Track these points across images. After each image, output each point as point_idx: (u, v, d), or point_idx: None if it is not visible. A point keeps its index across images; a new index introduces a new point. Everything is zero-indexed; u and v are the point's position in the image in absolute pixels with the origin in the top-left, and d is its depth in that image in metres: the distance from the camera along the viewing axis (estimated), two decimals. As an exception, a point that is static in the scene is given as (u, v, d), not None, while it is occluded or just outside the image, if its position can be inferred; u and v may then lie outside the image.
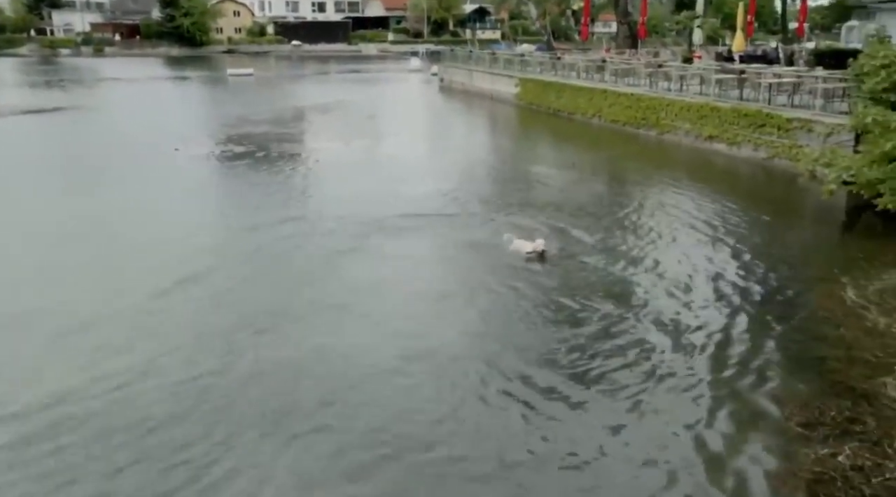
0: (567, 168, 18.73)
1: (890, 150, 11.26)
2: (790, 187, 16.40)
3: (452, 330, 8.73)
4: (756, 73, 19.44)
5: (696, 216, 13.44)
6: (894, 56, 12.24)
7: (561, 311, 9.06)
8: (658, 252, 11.37)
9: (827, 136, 15.98)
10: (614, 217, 13.50)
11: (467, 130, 27.29)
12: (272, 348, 8.20)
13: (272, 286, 10.16)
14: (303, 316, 9.16)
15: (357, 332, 8.62)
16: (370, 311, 9.30)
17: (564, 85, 27.91)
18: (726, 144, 19.18)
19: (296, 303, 9.56)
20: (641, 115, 22.77)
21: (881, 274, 10.18)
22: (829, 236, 12.90)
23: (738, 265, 10.79)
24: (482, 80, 36.52)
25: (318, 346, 8.24)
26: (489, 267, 10.72)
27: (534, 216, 13.45)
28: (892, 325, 8.50)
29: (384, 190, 15.61)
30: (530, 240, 11.17)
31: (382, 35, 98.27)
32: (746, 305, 9.33)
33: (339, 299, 9.62)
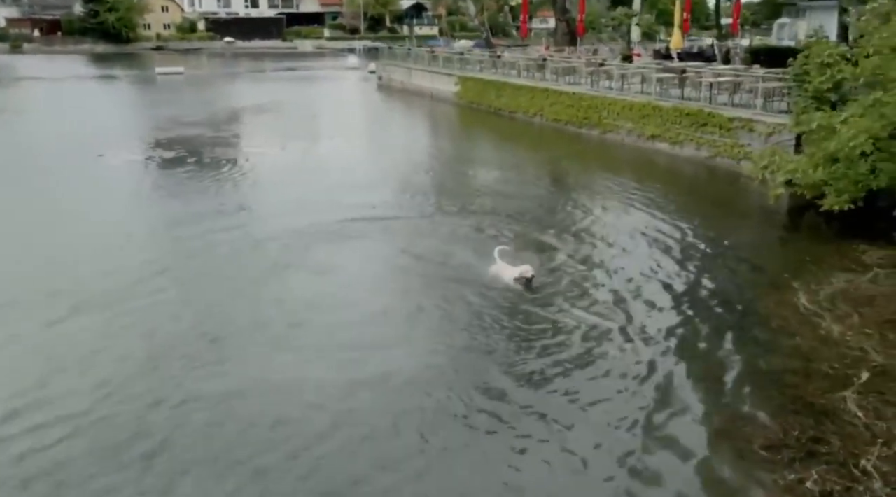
0: (511, 169, 18.38)
1: (834, 151, 11.20)
2: (733, 187, 16.42)
3: (403, 351, 8.22)
4: (697, 73, 19.44)
5: (642, 221, 13.22)
6: (837, 55, 12.21)
7: (511, 325, 8.64)
8: (603, 261, 11.04)
9: (768, 136, 16.02)
10: (558, 222, 13.18)
11: (408, 131, 26.74)
12: (203, 380, 7.51)
13: (202, 307, 9.43)
14: (238, 340, 8.49)
15: (299, 358, 8.01)
16: (312, 332, 8.71)
17: (505, 83, 27.61)
18: (669, 144, 19.14)
19: (229, 325, 8.87)
20: (583, 115, 22.61)
21: (830, 278, 10.09)
22: (776, 239, 12.85)
23: (687, 272, 10.58)
24: (421, 79, 35.98)
25: (256, 375, 7.61)
26: (436, 278, 10.23)
27: (478, 221, 13.05)
28: (846, 334, 8.35)
29: (323, 197, 14.98)
30: (509, 260, 10.18)
31: (318, 31, 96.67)
32: (699, 315, 9.09)
33: (278, 320, 9.00)
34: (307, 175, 17.51)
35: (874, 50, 12.13)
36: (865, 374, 7.40)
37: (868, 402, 6.92)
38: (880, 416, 6.72)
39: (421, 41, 57.43)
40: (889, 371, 7.46)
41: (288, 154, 20.74)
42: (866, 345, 8.05)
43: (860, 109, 11.28)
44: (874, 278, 10.06)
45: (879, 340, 8.14)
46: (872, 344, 8.06)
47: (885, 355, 7.79)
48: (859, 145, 10.79)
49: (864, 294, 9.50)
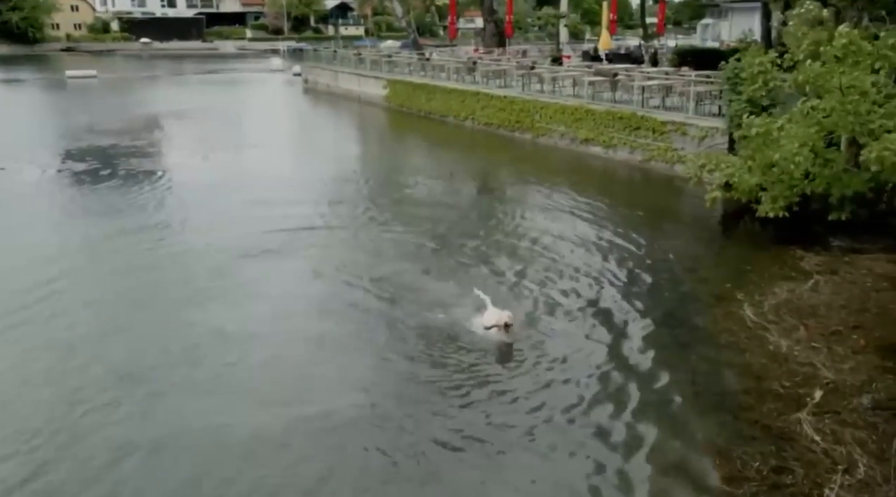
0: (444, 177, 17.91)
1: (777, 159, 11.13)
2: (668, 191, 16.39)
3: (341, 387, 7.62)
4: (629, 77, 19.39)
5: (578, 230, 12.93)
6: (769, 62, 12.20)
7: (451, 348, 8.15)
8: (536, 276, 10.62)
9: (701, 140, 16.05)
10: (492, 232, 12.82)
11: (336, 137, 25.95)
12: (122, 426, 6.78)
13: (117, 341, 8.61)
14: (157, 378, 7.73)
15: (226, 400, 7.32)
16: (241, 367, 8.02)
17: (435, 86, 27.13)
18: (602, 147, 19.03)
19: (148, 361, 8.09)
20: (515, 118, 22.34)
21: (772, 287, 9.97)
22: (714, 246, 12.75)
23: (628, 285, 10.29)
24: (349, 82, 35.16)
25: (178, 422, 6.90)
26: (373, 301, 9.65)
27: (413, 234, 12.55)
28: (794, 348, 8.19)
29: (248, 211, 14.18)
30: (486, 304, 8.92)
31: (240, 32, 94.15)
32: (644, 333, 8.79)
33: (202, 354, 8.29)
34: (231, 187, 16.58)
35: (804, 55, 12.18)
36: (818, 393, 7.22)
37: (824, 424, 6.72)
38: (838, 439, 6.51)
39: (347, 42, 56.35)
40: (840, 388, 7.30)
41: (210, 165, 19.72)
42: (815, 360, 7.89)
43: (799, 116, 11.25)
44: (815, 286, 9.99)
45: (828, 355, 8.00)
46: (821, 359, 7.91)
47: (835, 371, 7.64)
48: (802, 159, 10.74)
49: (807, 304, 9.41)
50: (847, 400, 7.08)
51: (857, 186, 11.64)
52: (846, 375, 7.53)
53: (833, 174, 11.63)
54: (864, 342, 8.31)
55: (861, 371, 7.64)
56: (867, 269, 10.53)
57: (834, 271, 10.50)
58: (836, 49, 10.45)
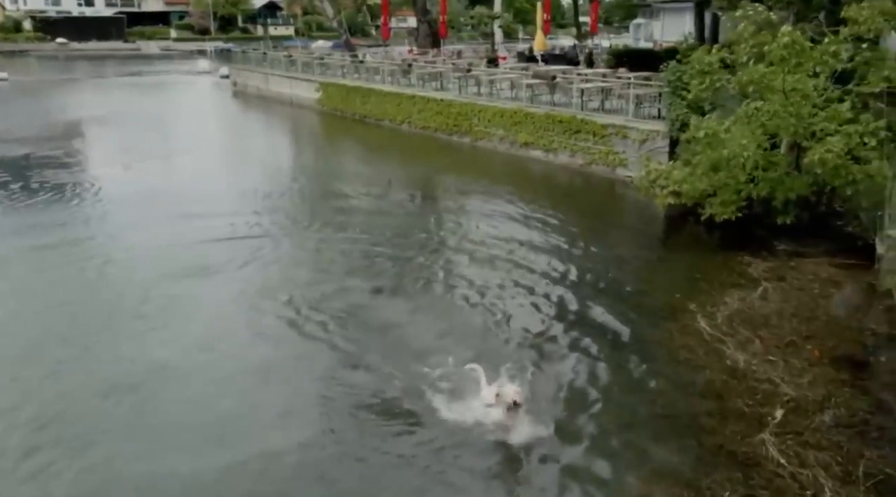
0: (383, 185, 17.37)
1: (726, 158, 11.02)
2: (611, 195, 16.28)
3: (283, 425, 7.04)
4: (567, 80, 19.22)
5: (521, 239, 12.55)
6: (715, 62, 12.10)
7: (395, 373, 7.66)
8: (484, 291, 10.21)
9: (642, 143, 15.97)
10: (430, 241, 12.38)
11: (269, 143, 25.02)
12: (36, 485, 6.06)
13: (28, 377, 7.81)
14: (76, 419, 7.03)
15: (155, 445, 6.68)
16: (173, 402, 7.41)
17: (370, 89, 26.51)
18: (543, 151, 18.82)
19: (65, 400, 7.36)
20: (453, 122, 21.95)
21: (724, 297, 9.83)
22: (661, 253, 12.58)
23: (578, 300, 9.96)
24: (280, 85, 34.16)
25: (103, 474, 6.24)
26: (310, 324, 9.08)
27: (351, 245, 12.02)
28: (752, 363, 8.01)
29: (176, 226, 13.39)
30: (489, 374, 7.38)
31: (164, 32, 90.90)
32: (598, 351, 8.47)
33: (126, 391, 7.60)
34: (158, 199, 15.65)
35: (747, 57, 12.14)
36: (780, 412, 7.03)
37: (788, 445, 6.52)
38: (803, 462, 6.31)
39: (276, 42, 54.91)
40: (802, 405, 7.12)
41: (135, 175, 18.64)
42: (774, 375, 7.72)
43: (745, 118, 11.17)
44: (764, 294, 9.89)
45: (785, 368, 7.85)
46: (779, 373, 7.75)
47: (794, 386, 7.47)
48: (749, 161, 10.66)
49: (759, 313, 9.28)
50: (809, 418, 6.90)
51: (800, 189, 11.66)
52: (806, 390, 7.37)
53: (777, 177, 11.62)
54: (818, 353, 8.20)
55: (819, 385, 7.50)
56: (813, 275, 10.51)
57: (781, 277, 10.44)
58: (780, 49, 10.38)
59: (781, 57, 10.38)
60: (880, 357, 8.10)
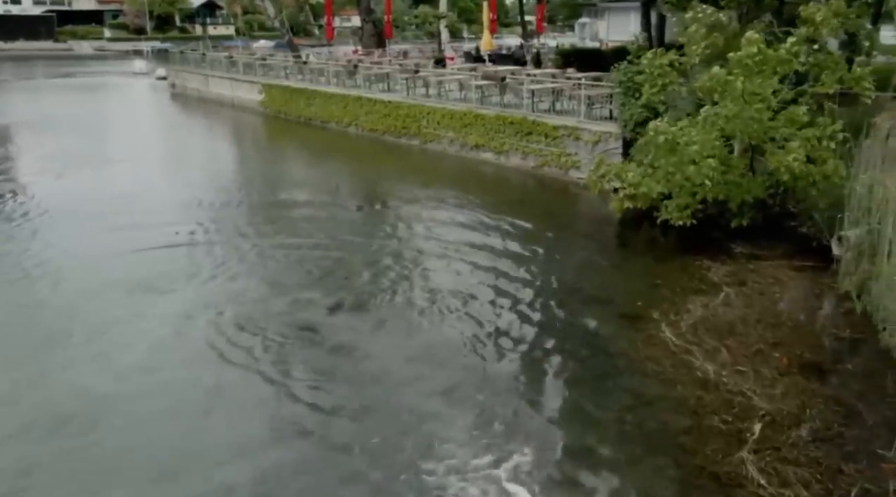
0: (331, 192, 16.80)
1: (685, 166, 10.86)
2: (565, 198, 16.04)
3: (233, 462, 6.51)
4: (517, 81, 18.94)
5: (478, 248, 12.16)
6: (668, 64, 11.94)
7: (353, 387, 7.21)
8: (441, 302, 9.85)
9: (595, 145, 15.79)
10: (388, 255, 11.86)
11: (210, 148, 24.06)
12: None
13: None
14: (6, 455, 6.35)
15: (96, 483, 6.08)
16: (110, 437, 6.83)
17: (315, 91, 25.80)
18: (494, 153, 18.51)
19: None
20: (402, 124, 21.48)
21: (686, 303, 9.64)
22: (619, 259, 12.32)
23: (536, 310, 9.67)
24: (221, 86, 33.10)
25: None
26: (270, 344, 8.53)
27: (298, 257, 11.45)
28: (722, 374, 7.80)
29: (112, 239, 12.69)
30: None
31: (97, 31, 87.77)
32: (560, 366, 8.19)
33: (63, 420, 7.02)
34: (93, 210, 14.77)
35: (699, 59, 12.04)
36: (757, 427, 6.82)
37: (767, 463, 6.30)
38: (784, 480, 6.11)
39: (216, 42, 53.36)
40: (777, 419, 6.92)
41: (68, 183, 17.63)
42: (745, 386, 7.53)
43: (703, 122, 11.02)
44: (727, 300, 9.74)
45: (756, 379, 7.66)
46: (751, 385, 7.55)
47: (767, 398, 7.28)
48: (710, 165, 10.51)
49: (723, 320, 9.11)
50: (786, 433, 6.70)
51: (757, 192, 11.60)
52: (780, 403, 7.18)
53: (734, 180, 11.52)
54: (786, 361, 8.04)
55: (792, 396, 7.33)
56: (773, 279, 10.42)
57: (742, 282, 10.32)
58: (747, 56, 10.23)
59: (746, 64, 10.22)
60: (847, 364, 7.98)
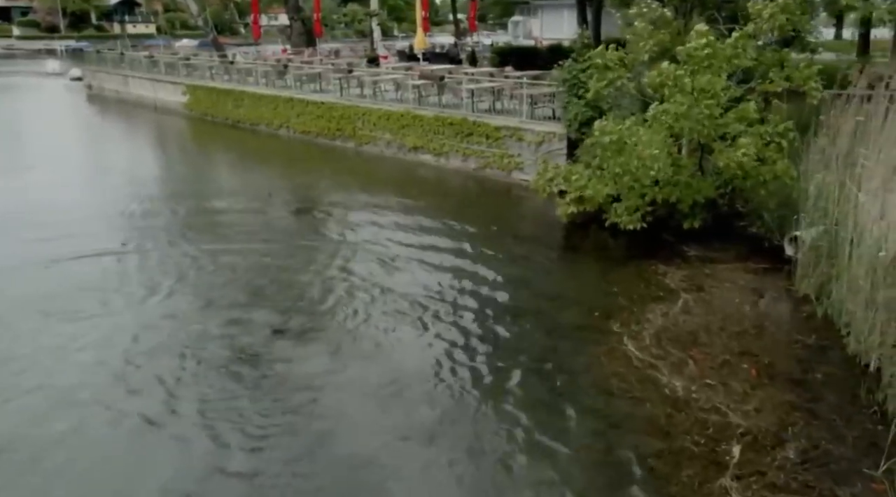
0: (263, 199, 15.85)
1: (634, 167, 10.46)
2: (508, 201, 15.54)
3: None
4: (456, 80, 18.35)
5: (419, 258, 11.48)
6: (618, 59, 11.54)
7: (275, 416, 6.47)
8: (383, 319, 9.19)
9: (538, 145, 15.34)
10: (327, 268, 11.08)
11: (132, 154, 22.58)
12: None
13: None
14: None
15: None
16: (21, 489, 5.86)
17: (243, 92, 24.65)
18: (433, 155, 17.88)
19: None
20: (336, 126, 20.63)
21: (645, 312, 9.22)
22: (570, 265, 11.81)
23: (486, 324, 9.07)
24: (141, 87, 31.44)
25: None
26: (211, 376, 7.68)
27: (245, 280, 10.55)
28: (691, 389, 7.37)
29: (23, 255, 11.56)
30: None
31: (5, 29, 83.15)
32: (516, 387, 7.59)
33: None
34: (1, 222, 13.52)
35: (648, 56, 11.70)
36: (736, 448, 6.38)
37: (754, 491, 5.85)
38: (771, 509, 5.66)
39: (136, 41, 50.99)
40: (758, 438, 6.50)
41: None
42: (718, 401, 7.11)
43: (651, 120, 10.64)
44: (686, 307, 9.37)
45: (727, 393, 7.26)
46: (723, 399, 7.14)
47: (742, 415, 6.87)
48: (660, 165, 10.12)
49: (685, 330, 8.72)
50: (769, 454, 6.28)
51: (708, 192, 11.33)
52: (757, 420, 6.77)
53: (684, 181, 11.21)
54: (755, 372, 7.68)
55: (768, 411, 6.94)
56: (730, 282, 10.12)
57: (699, 287, 9.98)
58: (698, 50, 9.87)
59: (697, 58, 9.87)
60: (816, 373, 7.66)
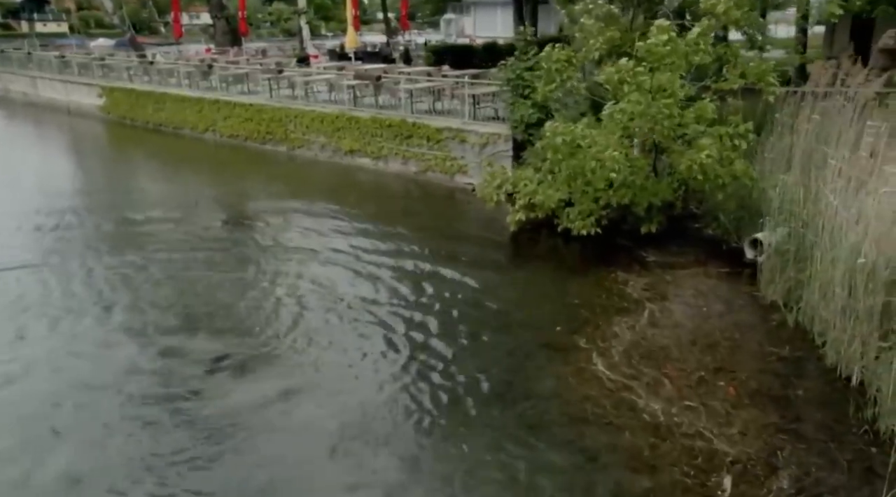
0: (189, 209, 14.70)
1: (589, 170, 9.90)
2: (452, 207, 14.85)
3: None
4: (393, 80, 17.54)
5: (360, 272, 10.63)
6: (566, 59, 10.95)
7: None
8: (326, 346, 8.39)
9: (482, 147, 14.69)
10: (260, 288, 10.15)
11: (43, 162, 20.80)
12: None
13: None
14: None
15: None
16: None
17: (164, 94, 23.18)
18: (371, 159, 17.03)
19: None
20: (266, 129, 19.53)
21: (611, 326, 8.66)
22: (524, 275, 10.94)
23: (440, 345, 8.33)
24: (53, 90, 29.42)
25: None
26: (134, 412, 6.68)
27: (171, 305, 9.50)
28: (671, 413, 6.81)
29: None
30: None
31: None
32: (479, 417, 6.90)
33: None
34: None
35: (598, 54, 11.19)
36: (727, 481, 5.82)
37: (753, 530, 5.30)
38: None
39: (46, 40, 48.08)
40: (748, 467, 5.98)
41: None
42: (700, 426, 6.56)
43: (607, 120, 10.10)
44: (653, 319, 8.85)
45: (709, 417, 6.72)
46: (706, 424, 6.60)
47: (728, 441, 6.34)
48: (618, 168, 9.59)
49: (655, 344, 8.18)
50: (762, 484, 5.75)
51: (665, 194, 10.88)
52: (743, 445, 6.25)
53: (641, 183, 10.72)
54: (734, 391, 7.18)
55: (753, 434, 6.42)
56: (693, 289, 9.67)
57: (663, 296, 9.49)
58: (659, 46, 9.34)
59: (658, 54, 9.35)
60: (797, 389, 7.21)
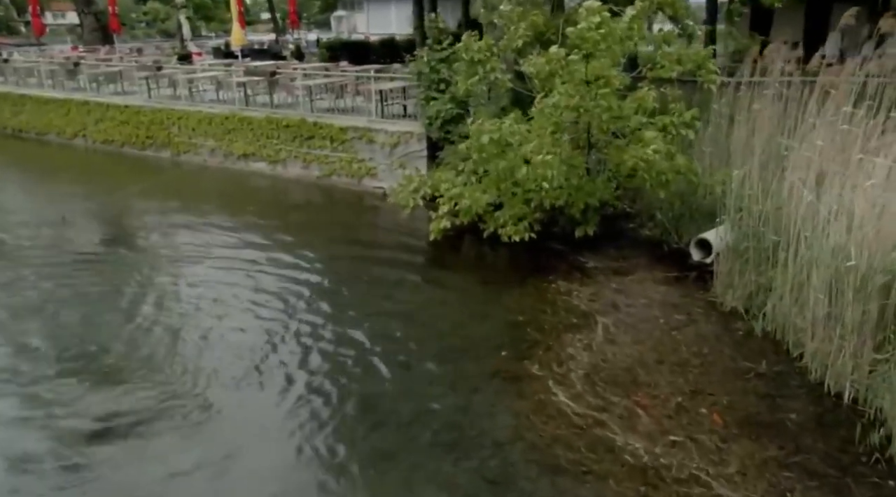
0: (55, 226, 12.62)
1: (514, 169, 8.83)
2: (361, 213, 13.44)
3: None
4: (290, 77, 15.92)
5: (266, 298, 9.03)
6: (487, 50, 9.81)
7: None
8: (218, 386, 6.95)
9: (393, 147, 13.38)
10: (138, 321, 8.45)
11: None
12: None
13: None
14: None
15: None
16: None
17: (24, 96, 20.48)
18: (268, 163, 15.37)
19: None
20: (145, 133, 17.44)
21: (564, 347, 7.57)
22: (454, 290, 9.45)
23: (381, 377, 7.10)
24: None
25: None
26: None
27: (40, 344, 7.68)
28: (655, 452, 5.77)
29: None
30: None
31: None
32: (433, 478, 5.63)
33: None
34: None
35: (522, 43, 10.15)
36: (741, 540, 4.81)
37: None
38: None
39: None
40: (757, 519, 4.99)
41: None
42: (693, 468, 5.54)
43: (538, 114, 9.04)
44: (609, 335, 7.83)
45: (700, 453, 5.72)
46: (699, 464, 5.60)
47: (729, 484, 5.35)
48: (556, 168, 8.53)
49: (618, 367, 7.14)
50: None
51: (604, 194, 9.95)
52: (746, 489, 5.28)
53: (577, 183, 9.73)
54: (718, 419, 6.23)
55: (754, 473, 5.46)
56: (645, 298, 8.74)
57: (614, 306, 8.51)
58: (592, 30, 8.31)
59: (591, 40, 8.33)
60: (788, 413, 6.32)
